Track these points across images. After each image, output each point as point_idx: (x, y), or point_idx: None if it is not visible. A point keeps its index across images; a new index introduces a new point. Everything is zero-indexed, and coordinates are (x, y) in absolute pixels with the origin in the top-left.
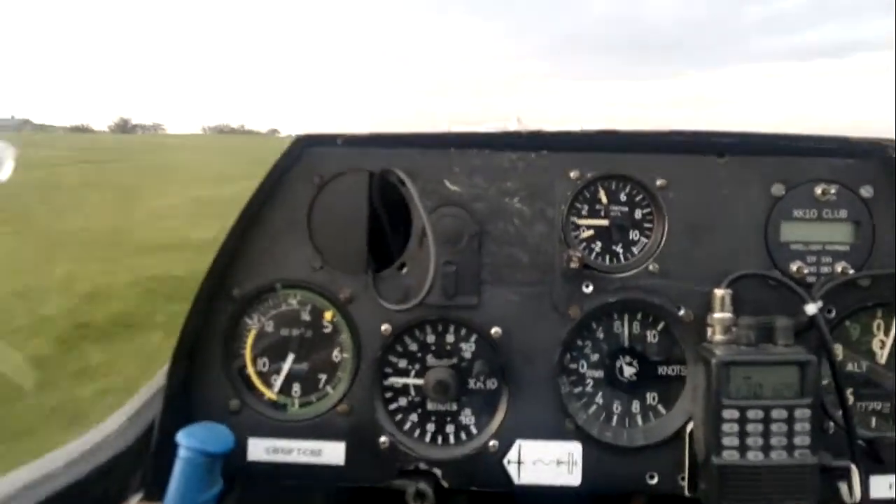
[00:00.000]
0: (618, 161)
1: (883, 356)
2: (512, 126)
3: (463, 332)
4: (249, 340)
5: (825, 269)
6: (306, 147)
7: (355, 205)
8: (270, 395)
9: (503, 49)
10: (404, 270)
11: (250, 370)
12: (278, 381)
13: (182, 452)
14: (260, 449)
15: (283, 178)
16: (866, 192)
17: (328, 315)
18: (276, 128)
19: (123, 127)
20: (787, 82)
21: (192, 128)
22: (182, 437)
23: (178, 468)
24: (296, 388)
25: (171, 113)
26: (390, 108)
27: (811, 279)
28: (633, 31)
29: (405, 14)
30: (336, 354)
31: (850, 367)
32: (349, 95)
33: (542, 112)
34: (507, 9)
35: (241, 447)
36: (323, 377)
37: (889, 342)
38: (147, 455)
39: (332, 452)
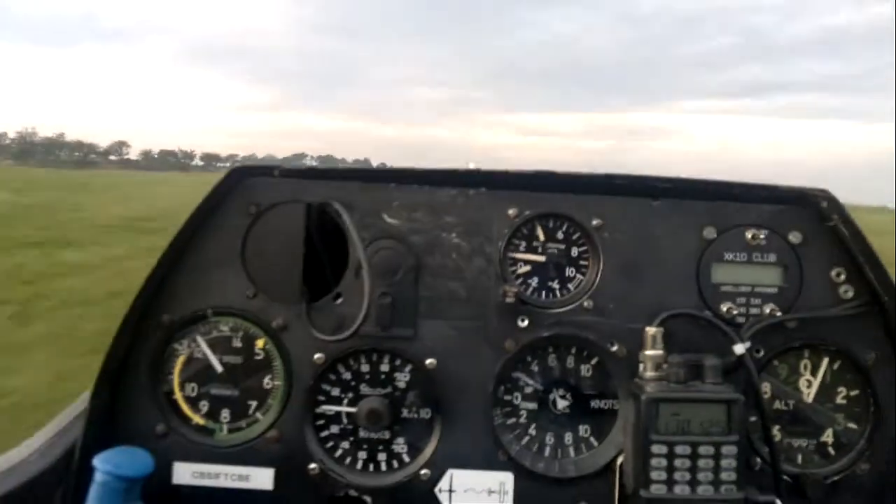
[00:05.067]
0: (555, 200)
1: (810, 395)
2: None
3: (398, 362)
4: (178, 366)
5: (754, 311)
6: (242, 177)
7: (291, 235)
8: (198, 419)
9: (437, 76)
10: (339, 301)
11: (178, 395)
12: (205, 405)
13: (98, 476)
14: (186, 473)
15: (218, 206)
16: (795, 237)
17: (260, 343)
18: (125, 139)
19: None
20: (715, 118)
21: None
22: (98, 461)
23: (93, 492)
24: (225, 413)
25: None
26: (318, 130)
27: (741, 320)
28: (566, 64)
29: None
30: (267, 382)
31: (777, 404)
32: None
33: (475, 138)
34: (446, 38)
35: (166, 471)
36: (253, 403)
37: (816, 382)
38: (67, 478)
39: (261, 478)
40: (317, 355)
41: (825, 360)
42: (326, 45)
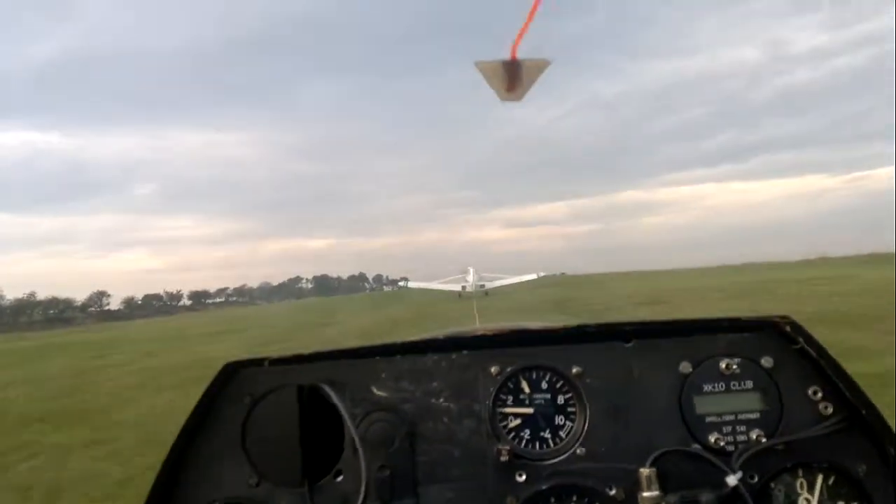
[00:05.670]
0: (534, 353)
1: None
2: (469, 277)
3: None
4: None
5: (741, 438)
6: (235, 370)
7: (287, 419)
8: None
9: (420, 183)
10: (340, 478)
11: None
12: None
13: None
14: None
15: (215, 401)
16: (767, 362)
17: None
18: (104, 289)
19: None
20: (696, 188)
21: None
22: None
23: None
24: None
25: None
26: (309, 250)
27: (730, 448)
28: (543, 155)
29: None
30: None
31: None
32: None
33: (464, 237)
34: (425, 147)
35: None
36: None
37: (814, 500)
38: None
39: None
40: None
41: (819, 477)
42: (307, 170)
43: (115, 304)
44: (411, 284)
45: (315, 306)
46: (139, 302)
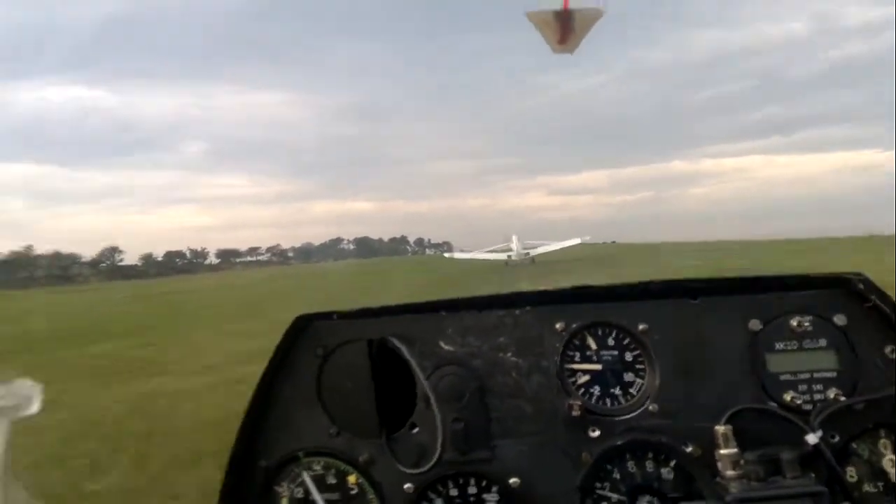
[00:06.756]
0: (599, 310)
1: None
2: (513, 245)
3: (484, 483)
4: None
5: (818, 396)
6: (306, 323)
7: (359, 372)
8: None
9: (461, 148)
10: (416, 430)
11: None
12: None
13: None
14: None
15: (289, 353)
16: (840, 320)
17: (352, 479)
18: (116, 245)
19: None
20: (743, 159)
21: None
22: None
23: None
24: None
25: None
26: (351, 213)
27: (807, 407)
28: (585, 123)
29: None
30: None
31: (866, 487)
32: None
33: (507, 203)
34: (466, 111)
35: None
36: None
37: None
38: None
39: None
40: (407, 485)
41: None
42: (348, 132)
43: (130, 259)
44: (456, 255)
45: (358, 270)
46: (159, 259)
